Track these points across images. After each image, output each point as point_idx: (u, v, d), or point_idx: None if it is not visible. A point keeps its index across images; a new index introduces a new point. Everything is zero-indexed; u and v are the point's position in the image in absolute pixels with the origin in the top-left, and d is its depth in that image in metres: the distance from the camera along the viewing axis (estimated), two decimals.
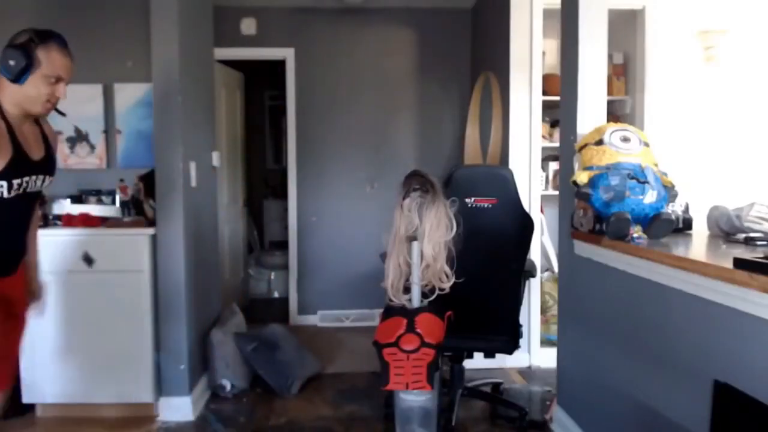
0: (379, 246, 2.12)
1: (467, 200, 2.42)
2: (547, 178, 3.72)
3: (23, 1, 3.32)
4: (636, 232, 1.88)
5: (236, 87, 4.84)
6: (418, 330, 1.90)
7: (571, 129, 2.44)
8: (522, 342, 2.67)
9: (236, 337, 3.12)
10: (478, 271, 2.21)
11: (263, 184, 6.67)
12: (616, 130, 2.12)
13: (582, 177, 2.05)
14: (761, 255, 1.37)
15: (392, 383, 1.87)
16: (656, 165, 2.06)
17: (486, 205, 2.44)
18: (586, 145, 2.15)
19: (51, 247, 2.72)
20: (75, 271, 2.72)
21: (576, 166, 2.20)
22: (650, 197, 1.93)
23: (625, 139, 2.08)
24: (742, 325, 1.38)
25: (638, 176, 1.95)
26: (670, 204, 2.05)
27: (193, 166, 2.91)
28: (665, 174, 2.04)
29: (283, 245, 5.13)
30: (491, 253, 2.45)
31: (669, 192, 2.00)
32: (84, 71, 3.35)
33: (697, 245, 1.90)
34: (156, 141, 2.74)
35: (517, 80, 3.44)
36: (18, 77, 1.65)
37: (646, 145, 2.11)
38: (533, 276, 2.88)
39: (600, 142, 2.09)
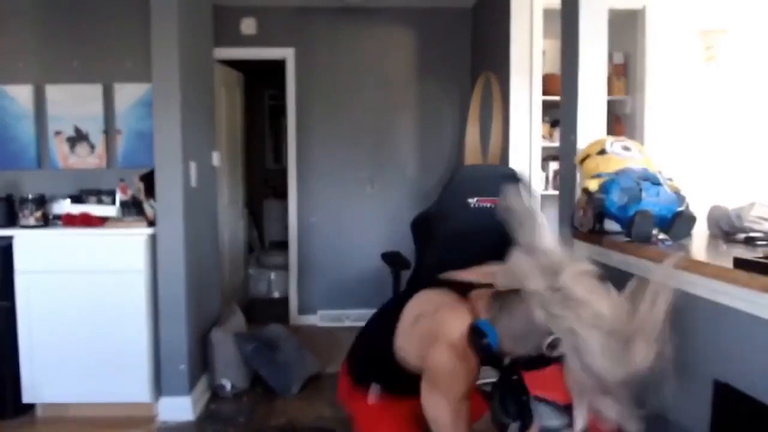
0: (379, 246, 2.12)
1: (470, 200, 2.41)
2: (547, 178, 3.72)
3: (24, 1, 3.33)
4: (660, 234, 1.85)
5: (236, 87, 4.84)
6: None
7: (571, 129, 2.43)
8: None
9: (236, 337, 3.12)
10: None
11: (263, 184, 6.68)
12: (616, 141, 2.14)
13: (592, 184, 2.06)
14: (761, 255, 1.37)
15: None
16: (660, 173, 2.06)
17: (489, 205, 2.44)
18: (588, 156, 2.16)
19: (51, 247, 2.73)
20: (75, 271, 2.72)
21: (578, 176, 2.20)
22: (665, 198, 1.92)
23: (626, 148, 2.10)
24: (742, 325, 1.38)
25: (651, 178, 1.95)
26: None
27: (193, 166, 2.92)
28: (670, 179, 2.03)
29: (283, 245, 5.13)
30: (493, 253, 2.44)
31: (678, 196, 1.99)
32: (84, 71, 3.39)
33: (697, 245, 1.90)
34: (156, 141, 2.74)
35: (517, 80, 3.44)
36: None
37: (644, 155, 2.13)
38: None
39: (603, 152, 2.10)
